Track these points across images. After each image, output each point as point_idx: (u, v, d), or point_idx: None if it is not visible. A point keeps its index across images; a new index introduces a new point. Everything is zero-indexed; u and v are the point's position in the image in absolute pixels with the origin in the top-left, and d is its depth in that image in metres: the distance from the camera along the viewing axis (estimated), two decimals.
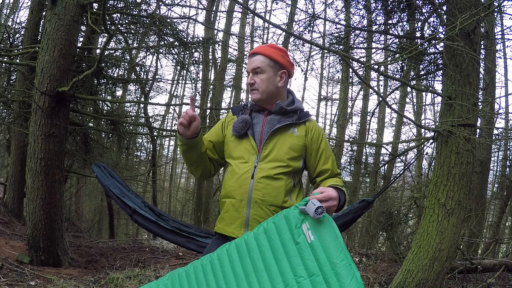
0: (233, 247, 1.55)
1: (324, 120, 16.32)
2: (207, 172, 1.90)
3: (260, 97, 1.79)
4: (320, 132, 1.83)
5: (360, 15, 4.80)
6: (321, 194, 1.50)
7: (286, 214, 1.51)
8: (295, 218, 1.48)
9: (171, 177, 14.30)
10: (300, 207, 1.48)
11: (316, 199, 1.46)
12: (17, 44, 5.88)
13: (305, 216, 1.48)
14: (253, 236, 1.53)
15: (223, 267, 1.53)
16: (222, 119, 1.94)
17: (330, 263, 1.39)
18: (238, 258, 1.52)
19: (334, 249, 1.40)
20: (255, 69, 1.79)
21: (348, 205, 3.30)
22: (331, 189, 1.55)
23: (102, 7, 3.48)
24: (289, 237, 1.47)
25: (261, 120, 1.81)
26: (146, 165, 9.81)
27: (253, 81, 1.79)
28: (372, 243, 6.18)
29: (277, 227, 1.50)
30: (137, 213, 3.30)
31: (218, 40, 8.98)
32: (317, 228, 1.44)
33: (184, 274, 1.58)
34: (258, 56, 1.79)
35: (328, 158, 1.82)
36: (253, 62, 1.79)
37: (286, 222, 1.49)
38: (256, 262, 1.48)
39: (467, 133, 3.18)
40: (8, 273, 3.53)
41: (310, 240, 1.44)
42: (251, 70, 1.80)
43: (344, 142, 9.00)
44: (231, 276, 1.50)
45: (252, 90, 1.80)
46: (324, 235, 1.43)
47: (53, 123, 3.76)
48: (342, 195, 1.62)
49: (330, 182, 1.76)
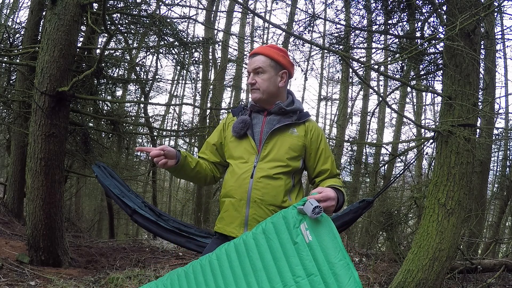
0: (232, 247, 1.55)
1: (324, 120, 16.32)
2: (209, 178, 1.92)
3: (261, 96, 1.79)
4: (319, 132, 1.84)
5: (360, 15, 4.81)
6: (319, 194, 1.50)
7: (284, 214, 1.51)
8: (293, 218, 1.49)
9: (171, 177, 14.27)
10: (298, 207, 1.48)
11: (314, 199, 1.46)
12: (17, 44, 5.88)
13: (303, 216, 1.48)
14: (252, 236, 1.53)
15: (222, 267, 1.53)
16: (222, 121, 1.95)
17: (328, 263, 1.39)
18: (237, 258, 1.52)
19: (332, 249, 1.41)
20: (256, 69, 1.79)
21: (348, 205, 3.30)
22: (330, 189, 1.56)
23: (102, 7, 3.48)
24: (288, 237, 1.47)
25: (260, 120, 1.82)
26: (146, 165, 9.81)
27: (254, 81, 1.80)
28: (372, 243, 6.18)
29: (275, 227, 1.51)
30: (137, 213, 3.30)
31: (218, 40, 8.98)
32: (315, 228, 1.45)
33: (183, 274, 1.59)
34: (259, 56, 1.80)
35: (327, 158, 1.83)
36: (254, 62, 1.80)
37: (285, 222, 1.50)
38: (255, 262, 1.49)
39: (467, 133, 3.17)
40: (8, 273, 3.53)
41: (308, 240, 1.44)
42: (252, 70, 1.81)
43: (344, 142, 9.00)
44: (230, 276, 1.50)
45: (252, 90, 1.81)
46: (322, 235, 1.43)
47: (53, 123, 3.76)
48: (340, 196, 1.62)
49: (329, 182, 1.76)
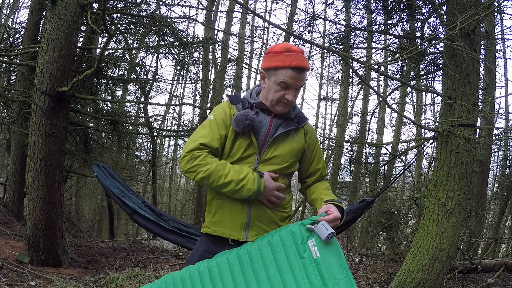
0: (234, 256, 1.56)
1: (324, 120, 16.34)
2: None
3: (288, 110, 1.73)
4: (315, 134, 1.87)
5: (360, 15, 4.81)
6: (329, 217, 1.55)
7: (292, 230, 1.56)
8: (301, 234, 1.54)
9: (171, 177, 14.29)
10: (307, 225, 1.54)
11: (325, 221, 1.53)
12: (17, 44, 5.88)
13: (311, 233, 1.54)
14: (257, 247, 1.56)
15: (222, 276, 1.53)
16: (221, 110, 1.74)
17: (333, 279, 1.45)
18: (240, 267, 1.53)
19: (337, 266, 1.47)
20: (301, 86, 1.69)
21: (348, 205, 3.30)
22: (334, 208, 1.60)
23: (102, 7, 3.48)
24: (295, 251, 1.52)
25: (267, 121, 1.72)
26: (146, 165, 9.81)
27: (293, 99, 1.67)
28: (372, 243, 6.18)
29: (282, 241, 1.55)
30: (137, 213, 3.31)
31: (218, 40, 8.98)
32: (323, 245, 1.51)
33: (179, 279, 1.56)
34: (306, 73, 1.68)
35: (320, 159, 1.86)
36: (302, 80, 1.66)
37: (292, 237, 1.55)
38: (259, 273, 1.51)
39: (467, 133, 3.17)
40: (8, 273, 3.53)
41: (316, 256, 1.50)
42: (298, 87, 1.67)
43: (344, 142, 9.00)
44: (230, 284, 1.51)
45: (285, 104, 1.69)
46: (329, 252, 1.50)
47: (53, 123, 3.76)
48: (341, 212, 1.66)
49: (322, 190, 1.78)
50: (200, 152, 1.63)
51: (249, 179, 1.59)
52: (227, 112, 1.71)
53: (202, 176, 1.61)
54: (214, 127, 1.69)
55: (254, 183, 1.59)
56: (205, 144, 1.65)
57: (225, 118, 1.70)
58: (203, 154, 1.63)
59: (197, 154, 1.62)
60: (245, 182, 1.59)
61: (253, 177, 1.61)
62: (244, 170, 1.63)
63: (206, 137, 1.67)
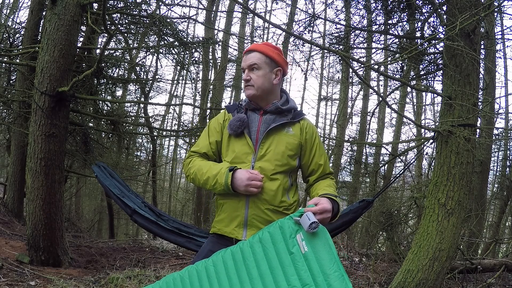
0: (229, 254, 1.56)
1: (324, 120, 16.35)
2: None
3: (255, 93, 1.79)
4: (314, 130, 1.86)
5: (360, 15, 4.81)
6: (316, 207, 1.52)
7: (281, 224, 1.53)
8: (290, 228, 1.51)
9: (171, 177, 14.29)
10: (294, 217, 1.50)
11: (311, 211, 1.47)
12: (17, 44, 5.88)
13: (299, 226, 1.49)
14: (249, 244, 1.55)
15: (218, 274, 1.54)
16: (215, 119, 1.91)
17: (323, 274, 1.41)
18: (234, 266, 1.53)
19: (327, 260, 1.42)
20: (251, 65, 1.80)
21: (348, 205, 3.31)
22: (326, 200, 1.58)
23: (102, 7, 3.48)
24: (284, 247, 1.49)
25: (256, 119, 1.81)
26: (146, 165, 9.80)
27: (249, 77, 1.80)
28: (372, 243, 6.18)
29: (272, 237, 1.52)
30: (137, 213, 3.30)
31: (218, 40, 8.98)
32: (311, 239, 1.46)
33: (179, 279, 1.59)
34: (255, 53, 1.81)
35: (321, 155, 1.85)
36: (250, 59, 1.81)
37: (281, 232, 1.52)
38: (251, 270, 1.50)
39: (467, 133, 3.17)
40: (8, 273, 3.53)
41: (304, 251, 1.46)
42: (247, 67, 1.81)
43: (344, 142, 9.01)
44: (226, 283, 1.51)
45: (247, 86, 1.81)
46: (318, 246, 1.45)
47: (53, 123, 3.76)
48: (335, 205, 1.64)
49: (323, 186, 1.76)
50: (190, 158, 1.88)
51: (221, 174, 1.71)
52: (220, 120, 1.88)
53: (193, 177, 1.82)
54: (205, 135, 1.90)
55: (223, 177, 1.69)
56: (195, 151, 1.89)
57: (216, 125, 1.88)
58: (192, 158, 1.87)
59: (188, 160, 1.89)
60: (218, 177, 1.71)
61: (223, 171, 1.71)
62: (219, 166, 1.75)
63: (197, 145, 1.91)
